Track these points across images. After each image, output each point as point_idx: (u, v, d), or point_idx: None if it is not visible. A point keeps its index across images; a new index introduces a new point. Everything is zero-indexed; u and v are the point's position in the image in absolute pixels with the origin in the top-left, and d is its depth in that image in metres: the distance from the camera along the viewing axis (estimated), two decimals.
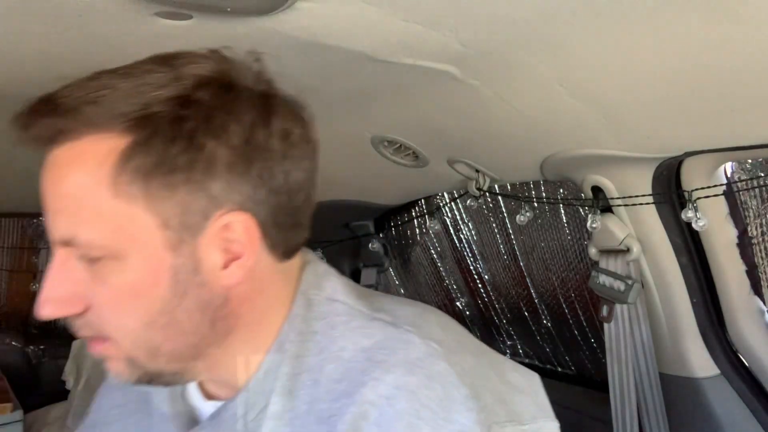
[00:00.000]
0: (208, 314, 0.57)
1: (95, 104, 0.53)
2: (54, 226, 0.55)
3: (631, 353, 1.28)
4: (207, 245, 0.55)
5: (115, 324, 0.56)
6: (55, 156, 0.55)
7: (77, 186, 0.54)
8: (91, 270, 0.55)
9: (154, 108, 0.53)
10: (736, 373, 1.26)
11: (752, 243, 1.22)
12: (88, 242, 0.54)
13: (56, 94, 0.54)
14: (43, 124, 0.54)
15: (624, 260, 1.23)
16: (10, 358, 2.58)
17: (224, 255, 0.56)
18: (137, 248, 0.54)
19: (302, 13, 0.76)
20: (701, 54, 0.75)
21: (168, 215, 0.54)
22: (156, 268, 0.55)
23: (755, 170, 1.23)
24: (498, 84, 0.98)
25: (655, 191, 1.12)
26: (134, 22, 0.78)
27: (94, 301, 0.56)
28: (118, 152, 0.53)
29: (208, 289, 0.56)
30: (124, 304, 0.55)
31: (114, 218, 0.53)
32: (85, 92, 0.53)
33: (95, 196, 0.53)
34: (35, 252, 2.62)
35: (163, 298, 0.55)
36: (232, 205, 0.55)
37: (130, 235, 0.54)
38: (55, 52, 0.89)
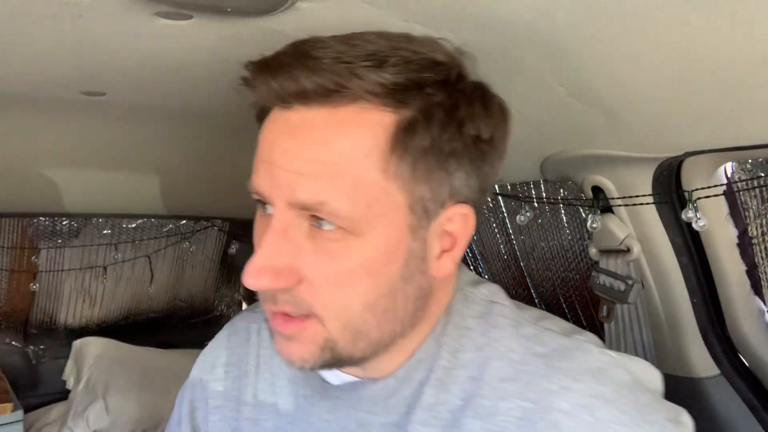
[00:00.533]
0: (418, 303, 0.58)
1: (371, 70, 0.51)
2: (295, 188, 0.52)
3: (632, 353, 1.28)
4: (433, 234, 0.56)
5: (333, 302, 0.54)
6: (311, 116, 0.52)
7: (342, 153, 0.51)
8: (317, 241, 0.53)
9: (429, 90, 0.53)
10: (736, 373, 1.26)
11: (752, 243, 1.22)
12: (335, 211, 0.52)
13: (315, 51, 0.51)
14: (304, 78, 0.51)
15: (624, 260, 1.23)
16: (10, 358, 2.58)
17: (441, 245, 0.57)
18: (382, 225, 0.53)
19: (302, 13, 0.76)
20: (701, 54, 0.75)
21: (419, 198, 0.54)
22: (395, 249, 0.54)
23: (755, 170, 1.23)
24: (497, 84, 0.98)
25: (656, 191, 1.12)
26: (134, 22, 0.78)
27: (311, 274, 0.53)
28: (395, 127, 0.52)
29: (426, 278, 0.57)
30: (352, 281, 0.54)
31: (371, 191, 0.52)
32: (358, 53, 0.51)
33: (360, 166, 0.51)
34: (35, 252, 2.62)
35: (392, 280, 0.55)
36: (461, 197, 0.56)
37: (380, 212, 0.53)
38: (55, 52, 0.89)
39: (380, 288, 0.54)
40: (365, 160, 0.51)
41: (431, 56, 0.54)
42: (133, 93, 1.07)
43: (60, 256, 2.65)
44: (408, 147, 0.52)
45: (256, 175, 0.55)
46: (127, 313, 2.87)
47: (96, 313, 2.82)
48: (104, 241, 2.66)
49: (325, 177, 0.51)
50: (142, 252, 2.72)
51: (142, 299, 2.85)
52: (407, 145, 0.52)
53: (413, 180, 0.53)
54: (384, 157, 0.52)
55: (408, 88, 0.51)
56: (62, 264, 2.67)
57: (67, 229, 2.64)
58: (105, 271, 2.68)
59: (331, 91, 0.51)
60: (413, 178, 0.52)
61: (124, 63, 0.93)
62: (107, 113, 1.17)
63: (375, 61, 0.50)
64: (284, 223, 0.53)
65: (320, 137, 0.51)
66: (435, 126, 0.52)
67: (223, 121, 1.33)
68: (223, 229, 2.80)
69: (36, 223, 2.59)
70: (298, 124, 0.52)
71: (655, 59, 0.79)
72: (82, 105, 1.12)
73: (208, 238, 2.85)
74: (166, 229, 2.75)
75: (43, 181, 1.74)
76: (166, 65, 0.95)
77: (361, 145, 0.51)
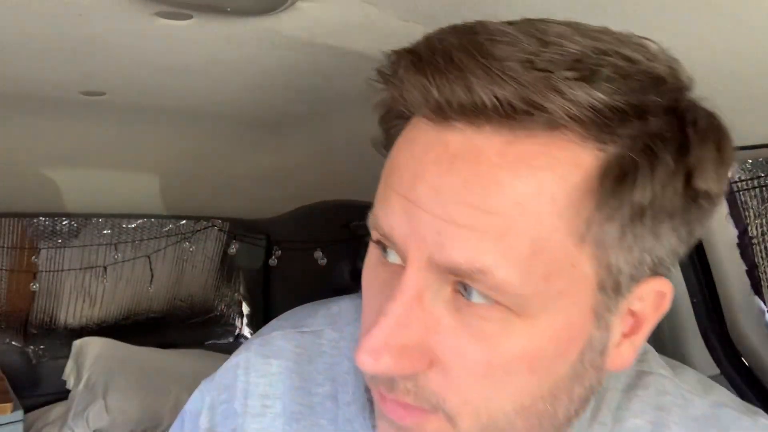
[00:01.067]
0: (583, 405, 0.43)
1: (579, 85, 0.34)
2: (446, 244, 0.37)
3: None
4: (618, 316, 0.40)
5: (474, 400, 0.39)
6: (480, 144, 0.36)
7: (522, 202, 0.36)
8: (463, 317, 0.38)
9: (653, 121, 0.36)
10: (736, 373, 1.26)
11: (752, 243, 1.22)
12: (500, 284, 0.36)
13: (497, 48, 0.36)
14: (481, 88, 0.35)
15: None
16: (10, 358, 2.58)
17: (622, 329, 0.41)
18: (561, 307, 0.38)
19: (302, 13, 0.76)
20: (701, 54, 0.75)
21: (613, 272, 0.38)
22: (572, 339, 0.39)
23: (755, 170, 1.23)
24: None
25: None
26: (134, 22, 0.78)
27: (449, 359, 0.38)
28: (600, 171, 0.36)
29: (600, 373, 0.42)
30: (506, 377, 0.38)
31: (555, 260, 0.36)
32: (558, 57, 0.35)
33: (546, 223, 0.36)
34: (35, 252, 2.62)
35: (560, 377, 0.40)
36: (663, 268, 0.40)
37: (562, 288, 0.37)
38: (54, 52, 0.89)
39: (542, 387, 0.39)
40: (554, 215, 0.36)
41: (651, 68, 0.38)
42: (133, 93, 1.07)
43: (60, 256, 2.65)
44: (623, 202, 0.36)
45: (384, 210, 0.40)
46: (127, 313, 2.87)
47: (96, 313, 2.82)
48: (104, 241, 2.66)
49: (491, 234, 0.36)
50: (142, 252, 2.72)
51: (142, 299, 2.85)
52: (622, 200, 0.36)
53: (616, 248, 0.37)
54: (586, 215, 0.36)
55: (626, 115, 0.35)
56: (62, 264, 2.67)
57: (67, 229, 2.64)
58: (105, 271, 2.68)
59: (518, 110, 0.35)
60: (617, 245, 0.37)
61: (124, 63, 0.93)
62: (107, 113, 1.17)
63: (583, 72, 0.35)
64: (420, 286, 0.38)
65: (492, 176, 0.36)
66: (661, 173, 0.36)
67: (224, 121, 1.33)
68: (223, 229, 2.80)
69: (36, 223, 2.59)
70: (461, 153, 0.36)
71: None
72: (82, 105, 1.11)
73: (208, 238, 2.85)
74: (166, 229, 2.75)
75: (43, 181, 1.74)
76: (166, 65, 0.95)
77: (550, 193, 0.35)
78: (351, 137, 1.39)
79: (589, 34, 0.39)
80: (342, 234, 2.18)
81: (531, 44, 0.36)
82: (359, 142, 1.44)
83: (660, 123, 0.36)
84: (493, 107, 0.35)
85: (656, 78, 0.38)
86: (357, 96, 1.17)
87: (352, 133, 1.38)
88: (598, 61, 0.36)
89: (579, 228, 0.36)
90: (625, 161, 0.36)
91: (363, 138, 1.57)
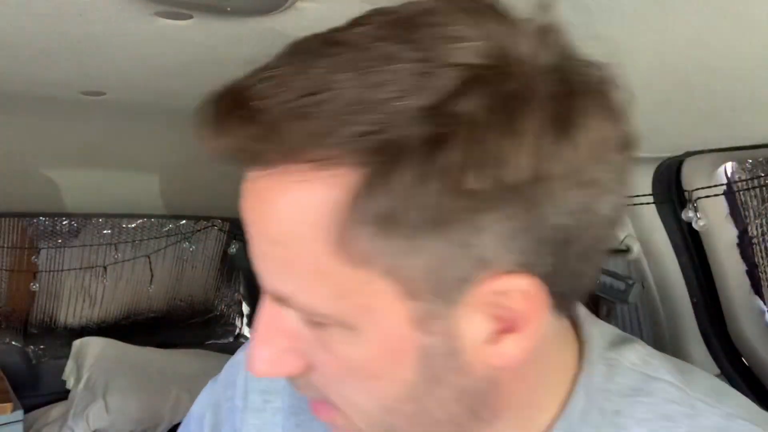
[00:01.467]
0: (467, 403, 0.43)
1: (307, 119, 0.35)
2: (262, 272, 0.41)
3: None
4: (470, 317, 0.39)
5: (344, 398, 0.43)
6: (256, 181, 0.39)
7: (288, 233, 0.38)
8: (315, 330, 0.41)
9: (398, 126, 0.35)
10: (736, 373, 1.26)
11: (752, 243, 1.22)
12: (307, 306, 0.39)
13: (251, 90, 0.38)
14: (236, 136, 0.37)
15: (624, 260, 1.23)
16: (10, 358, 2.58)
17: (494, 327, 0.40)
18: (372, 321, 0.39)
19: (302, 13, 0.76)
20: (701, 54, 0.75)
21: (414, 280, 0.37)
22: (398, 348, 0.40)
23: (755, 170, 1.23)
24: None
25: (656, 191, 1.12)
26: (134, 22, 0.78)
27: (317, 364, 0.42)
28: (344, 193, 0.36)
29: (470, 373, 0.41)
30: (356, 381, 0.42)
31: (339, 282, 0.38)
32: (294, 95, 0.36)
33: (313, 250, 0.37)
34: (35, 252, 2.62)
35: (408, 383, 0.41)
36: (506, 264, 0.37)
37: (361, 305, 0.39)
38: (55, 52, 0.89)
39: (393, 390, 0.41)
40: (315, 241, 0.37)
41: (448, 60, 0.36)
42: (133, 93, 1.07)
43: (60, 256, 2.65)
44: (363, 217, 0.36)
45: None
46: (127, 313, 2.87)
47: (96, 313, 2.82)
48: (104, 241, 2.66)
49: (282, 263, 0.39)
50: (142, 252, 2.72)
51: (142, 299, 2.85)
52: (362, 215, 0.36)
53: (394, 258, 0.37)
54: (338, 236, 0.36)
55: (360, 136, 0.35)
56: (62, 264, 2.67)
57: (67, 229, 2.64)
58: (105, 271, 2.68)
59: (258, 153, 0.37)
60: (392, 255, 0.36)
61: (124, 63, 0.93)
62: (107, 113, 1.17)
63: (312, 103, 0.36)
64: (273, 311, 0.42)
65: (267, 210, 0.39)
66: (404, 180, 0.35)
67: None
68: (223, 229, 2.80)
69: (36, 223, 2.59)
70: (253, 192, 0.40)
71: (655, 59, 0.79)
72: (82, 105, 1.11)
73: (208, 238, 2.85)
74: (166, 229, 2.74)
75: (43, 181, 1.74)
76: (166, 65, 0.95)
77: (307, 222, 0.37)
78: None
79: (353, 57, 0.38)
80: None
81: (294, 84, 0.37)
82: None
83: (407, 130, 0.35)
84: (250, 153, 0.38)
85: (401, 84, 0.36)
86: None
87: None
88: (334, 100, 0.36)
89: (345, 248, 0.36)
90: (365, 181, 0.35)
91: None
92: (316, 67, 0.38)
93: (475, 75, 0.36)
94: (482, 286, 0.38)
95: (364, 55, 0.37)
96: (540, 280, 0.38)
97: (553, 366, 0.46)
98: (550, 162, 0.36)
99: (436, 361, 0.40)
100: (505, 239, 0.37)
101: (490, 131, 0.35)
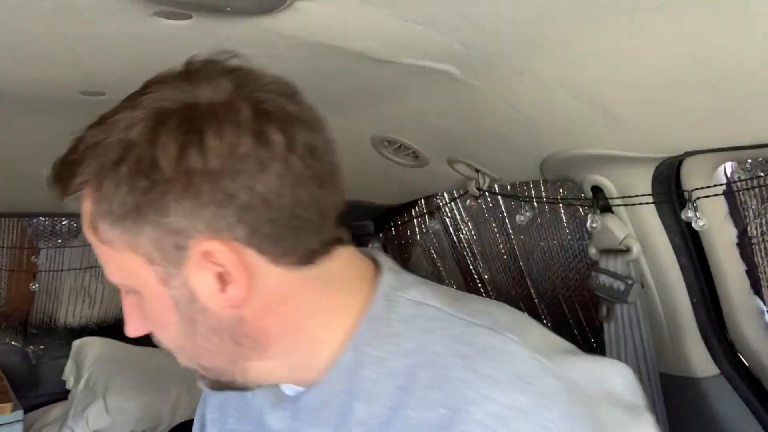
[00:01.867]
0: (225, 335, 0.58)
1: (77, 164, 0.56)
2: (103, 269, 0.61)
3: (631, 353, 1.28)
4: (196, 274, 0.55)
5: (164, 344, 0.61)
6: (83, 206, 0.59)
7: (87, 238, 0.59)
8: (134, 299, 0.60)
9: (104, 155, 0.54)
10: (736, 373, 1.26)
11: (752, 243, 1.22)
12: (117, 282, 0.60)
13: (71, 148, 0.58)
14: (61, 183, 0.58)
15: (624, 260, 1.23)
16: (10, 358, 2.58)
17: (219, 280, 0.55)
18: (143, 285, 0.57)
19: (302, 13, 0.76)
20: (701, 54, 0.75)
21: (147, 252, 0.55)
22: (161, 301, 0.57)
23: (755, 170, 1.23)
24: (498, 84, 0.98)
25: (655, 191, 1.12)
26: (134, 22, 0.78)
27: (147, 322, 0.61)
28: (89, 201, 0.56)
29: (214, 314, 0.57)
30: (158, 330, 0.61)
31: (116, 262, 0.58)
32: (76, 151, 0.57)
33: (93, 241, 0.58)
34: (35, 252, 2.62)
35: (178, 325, 0.58)
36: (201, 233, 0.54)
37: (133, 275, 0.57)
38: (55, 52, 0.89)
39: (175, 332, 0.59)
40: (93, 239, 0.58)
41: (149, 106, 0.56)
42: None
43: (60, 256, 2.66)
44: (97, 219, 0.56)
45: None
46: None
47: (96, 313, 2.82)
48: None
49: (105, 259, 0.59)
50: None
51: None
52: (95, 218, 0.56)
53: (128, 241, 0.55)
54: (96, 233, 0.57)
55: (91, 165, 0.56)
56: (62, 264, 2.67)
57: (66, 229, 2.64)
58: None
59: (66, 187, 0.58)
60: (125, 239, 0.55)
61: (124, 63, 0.93)
62: None
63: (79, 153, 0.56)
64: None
65: (86, 224, 0.59)
66: (108, 190, 0.54)
67: None
68: None
69: (36, 223, 2.60)
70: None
71: (655, 59, 0.79)
72: (82, 105, 1.12)
73: None
74: None
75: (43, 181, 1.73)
76: (165, 65, 0.95)
77: (85, 218, 0.58)
78: (351, 137, 1.39)
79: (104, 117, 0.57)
80: None
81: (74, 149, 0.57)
82: (359, 142, 1.44)
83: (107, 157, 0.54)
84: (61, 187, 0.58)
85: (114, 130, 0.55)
86: (357, 96, 1.17)
87: (352, 133, 1.38)
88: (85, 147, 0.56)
89: (103, 239, 0.57)
90: (91, 194, 0.56)
91: (362, 138, 1.59)
92: (90, 127, 0.57)
93: (153, 115, 0.55)
94: (193, 250, 0.54)
95: (110, 114, 0.57)
96: (239, 242, 0.54)
97: (339, 305, 0.61)
98: (195, 161, 0.52)
99: (185, 308, 0.57)
100: (189, 216, 0.53)
101: (148, 147, 0.53)
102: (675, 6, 0.69)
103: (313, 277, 0.59)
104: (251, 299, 0.56)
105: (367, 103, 1.20)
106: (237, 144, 0.53)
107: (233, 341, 0.58)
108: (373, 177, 1.62)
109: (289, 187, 0.55)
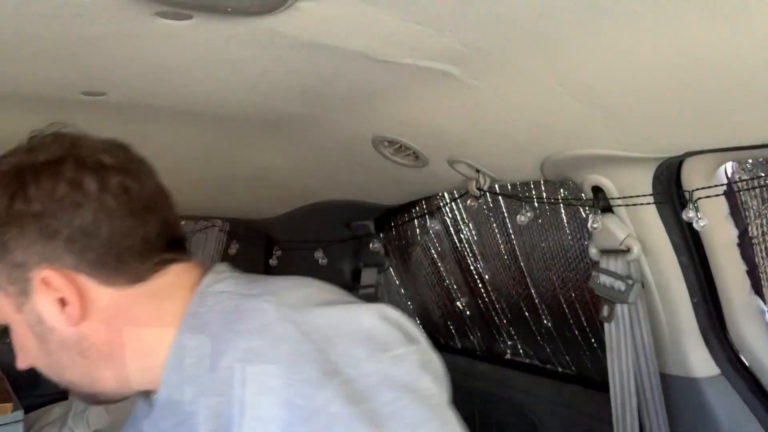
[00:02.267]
0: (72, 350, 0.69)
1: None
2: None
3: (632, 353, 1.28)
4: (40, 299, 0.67)
5: (38, 367, 0.72)
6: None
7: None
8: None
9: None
10: (737, 373, 1.26)
11: (753, 243, 1.22)
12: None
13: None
14: None
15: (624, 260, 1.23)
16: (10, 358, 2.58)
17: (59, 303, 0.66)
18: (6, 316, 0.70)
19: (302, 13, 0.76)
20: (701, 54, 0.75)
21: (3, 286, 0.68)
22: (19, 327, 0.70)
23: (755, 170, 1.23)
24: (498, 84, 0.98)
25: (656, 191, 1.12)
26: (134, 22, 0.78)
27: None
28: None
29: (59, 332, 0.68)
30: (24, 354, 0.72)
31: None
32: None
33: None
34: None
35: (36, 347, 0.70)
36: (38, 264, 0.65)
37: (1, 310, 0.69)
38: (55, 52, 0.89)
39: (36, 353, 0.70)
40: None
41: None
42: (133, 93, 1.07)
43: None
44: None
45: None
46: None
47: None
48: None
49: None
50: None
51: None
52: None
53: None
54: None
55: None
56: None
57: None
58: None
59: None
60: None
61: (124, 63, 0.93)
62: (108, 113, 1.17)
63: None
64: None
65: None
66: None
67: (224, 121, 1.33)
68: (223, 229, 2.80)
69: None
70: None
71: (655, 59, 0.79)
72: (82, 105, 1.12)
73: (208, 238, 2.85)
74: None
75: None
76: (166, 65, 0.95)
77: None
78: (351, 137, 1.39)
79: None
80: (342, 234, 2.18)
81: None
82: (359, 143, 1.44)
83: None
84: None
85: None
86: (357, 96, 1.17)
87: (352, 133, 1.38)
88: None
89: None
90: None
91: (363, 138, 1.59)
92: None
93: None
94: (35, 279, 0.66)
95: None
96: (69, 269, 0.66)
97: (151, 314, 0.70)
98: (21, 206, 0.65)
99: (36, 329, 0.68)
100: (25, 250, 0.65)
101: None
102: (675, 6, 0.69)
103: (143, 293, 0.69)
104: (88, 316, 0.67)
105: (367, 103, 1.20)
106: (54, 190, 0.65)
107: (80, 354, 0.69)
108: (374, 177, 1.62)
109: (106, 221, 0.66)
